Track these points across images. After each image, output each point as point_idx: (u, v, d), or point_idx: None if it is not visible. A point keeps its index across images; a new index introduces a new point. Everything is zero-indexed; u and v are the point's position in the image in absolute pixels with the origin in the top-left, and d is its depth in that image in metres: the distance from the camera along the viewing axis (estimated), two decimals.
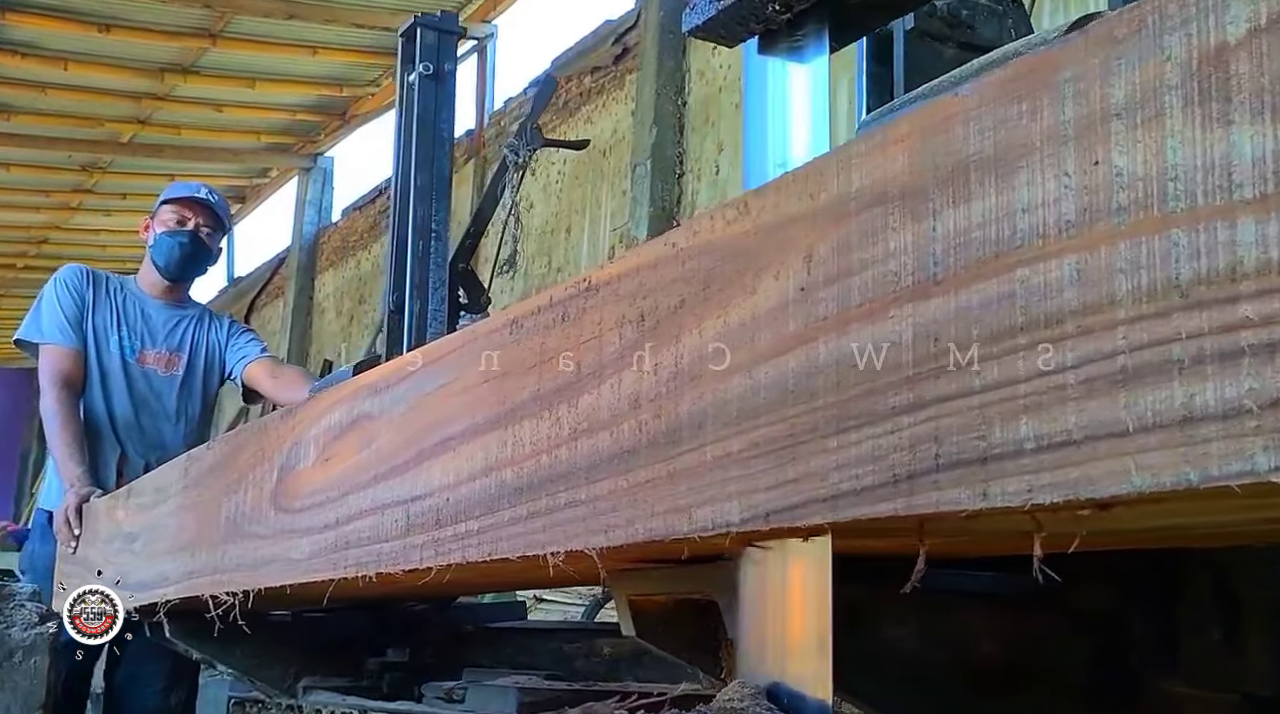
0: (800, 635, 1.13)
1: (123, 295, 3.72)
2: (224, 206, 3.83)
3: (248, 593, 2.05)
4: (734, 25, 1.74)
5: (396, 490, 1.66)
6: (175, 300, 3.81)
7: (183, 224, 3.69)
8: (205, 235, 3.72)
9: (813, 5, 1.69)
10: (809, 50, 1.75)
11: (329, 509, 1.82)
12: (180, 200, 3.73)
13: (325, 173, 14.57)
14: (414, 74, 2.84)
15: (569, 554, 1.31)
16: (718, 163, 9.80)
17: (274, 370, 3.74)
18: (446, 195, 2.86)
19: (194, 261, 3.76)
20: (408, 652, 2.72)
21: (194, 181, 3.92)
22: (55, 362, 3.58)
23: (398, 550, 1.64)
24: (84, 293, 3.67)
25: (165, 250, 3.70)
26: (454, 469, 1.53)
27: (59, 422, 3.43)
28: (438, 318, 2.83)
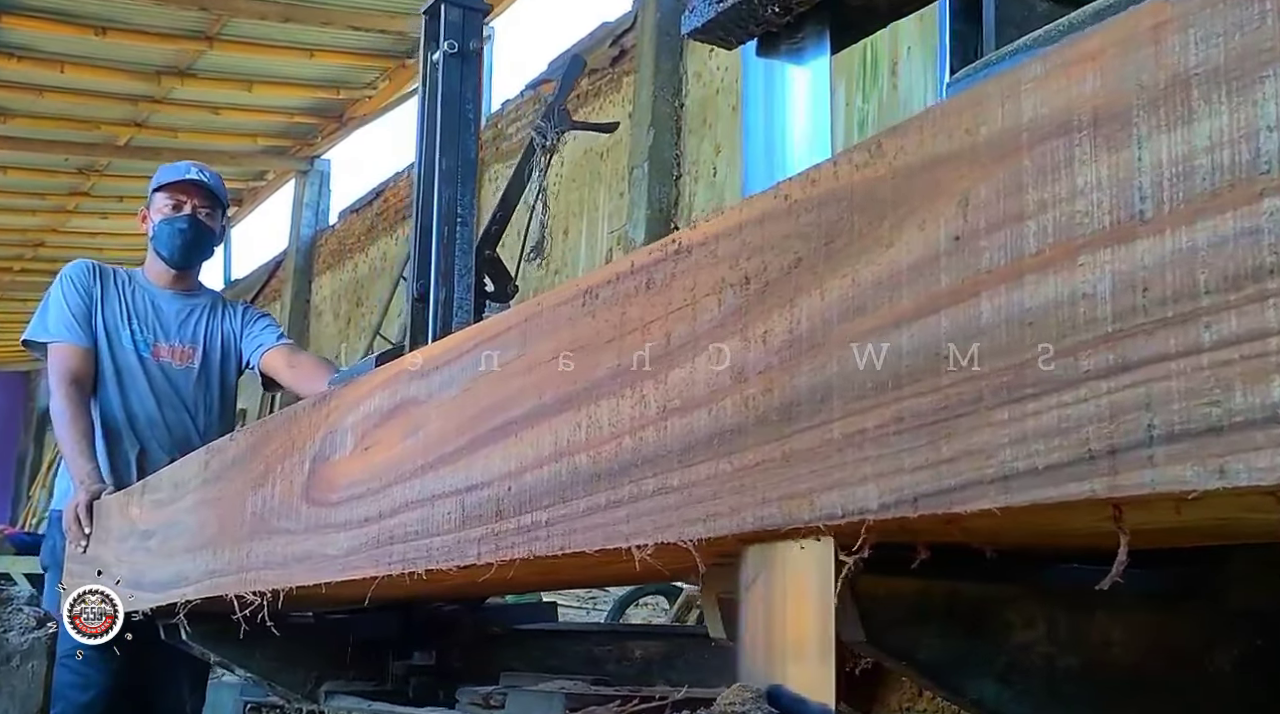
0: (802, 638, 1.09)
1: (131, 288, 3.55)
2: (218, 182, 3.62)
3: (277, 592, 1.90)
4: (733, 27, 1.71)
5: (448, 480, 1.50)
6: (185, 289, 3.64)
7: (179, 209, 3.52)
8: (204, 216, 3.54)
9: (812, 8, 1.64)
10: (808, 52, 1.70)
11: (370, 502, 1.67)
12: (172, 185, 3.54)
13: (322, 175, 14.40)
14: (438, 52, 2.69)
15: (659, 547, 1.16)
16: (715, 165, 9.68)
17: (292, 358, 3.57)
18: (473, 178, 2.70)
19: (197, 246, 3.58)
20: (434, 655, 2.56)
21: (183, 162, 3.70)
22: (63, 360, 3.42)
23: (451, 545, 1.48)
24: (91, 289, 3.51)
25: (166, 239, 3.54)
26: (517, 456, 1.38)
27: (67, 419, 3.27)
28: (464, 306, 2.67)
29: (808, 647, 1.07)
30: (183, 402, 3.49)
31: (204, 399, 3.52)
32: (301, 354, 3.68)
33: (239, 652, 2.51)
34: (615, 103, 10.44)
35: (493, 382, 1.45)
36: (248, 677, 2.58)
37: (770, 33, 1.72)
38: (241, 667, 2.53)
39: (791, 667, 1.08)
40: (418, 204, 2.70)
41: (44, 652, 2.47)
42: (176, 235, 3.52)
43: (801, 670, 1.07)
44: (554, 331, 1.35)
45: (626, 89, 10.35)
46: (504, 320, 1.46)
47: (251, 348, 3.58)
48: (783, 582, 1.08)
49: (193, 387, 3.52)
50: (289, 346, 3.64)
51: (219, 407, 3.57)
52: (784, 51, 1.73)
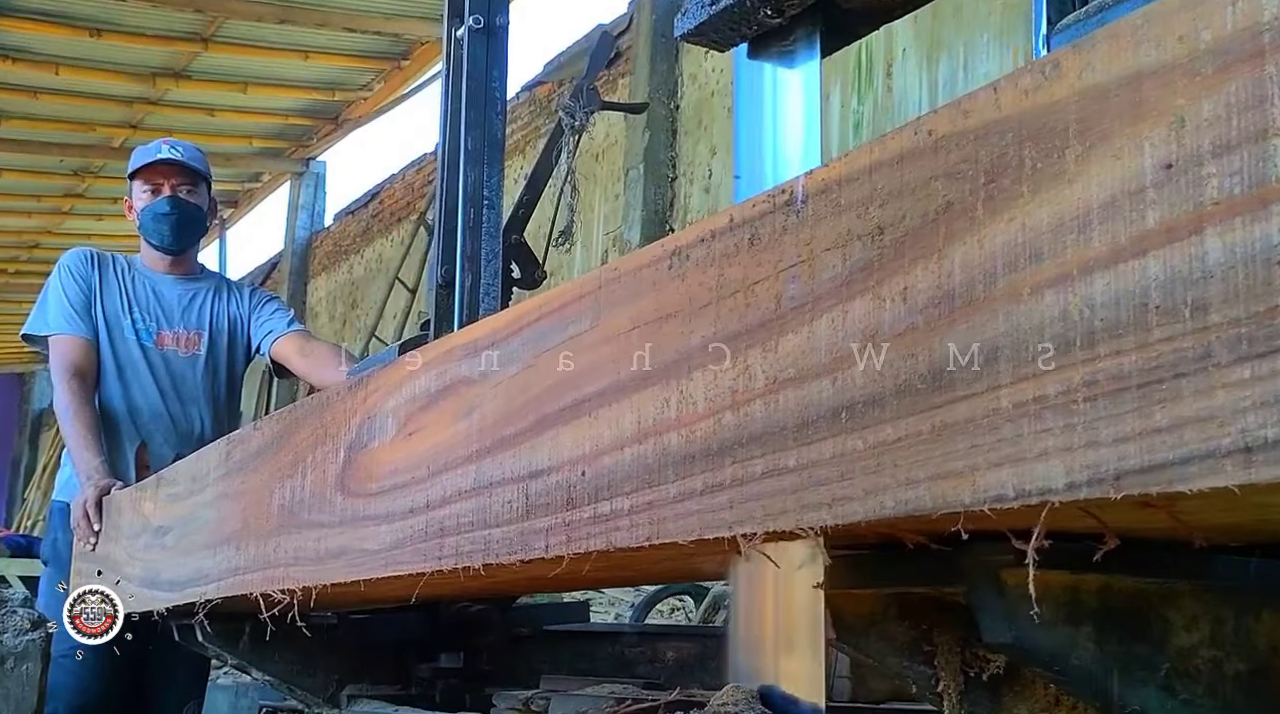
0: (793, 638, 1.08)
1: (131, 275, 3.37)
2: (195, 155, 3.41)
3: (309, 590, 1.74)
4: (726, 30, 1.68)
5: (509, 466, 1.35)
6: (185, 273, 3.45)
7: (157, 192, 3.34)
8: (186, 193, 3.35)
9: (804, 10, 1.62)
10: (800, 55, 1.67)
11: (416, 491, 1.52)
12: (146, 168, 3.35)
13: (318, 177, 14.23)
14: (462, 28, 2.53)
15: (770, 535, 1.01)
16: (710, 167, 9.55)
17: (305, 346, 3.38)
18: (499, 160, 2.55)
19: (185, 226, 3.38)
20: (462, 657, 2.41)
21: (154, 141, 3.47)
22: (64, 352, 3.25)
23: (513, 537, 1.33)
24: (90, 278, 3.33)
25: (151, 226, 3.36)
26: (591, 437, 1.23)
27: (71, 412, 3.10)
28: (491, 293, 2.51)
29: (798, 647, 1.06)
30: (188, 392, 3.32)
31: (210, 388, 3.35)
32: (315, 341, 3.49)
33: (257, 653, 2.35)
34: None
35: (561, 356, 1.29)
36: (265, 679, 2.42)
37: (762, 35, 1.69)
38: (260, 669, 2.37)
39: (782, 666, 1.07)
40: (442, 186, 2.55)
41: (38, 654, 2.41)
42: (160, 220, 3.34)
43: (792, 670, 1.06)
44: (633, 299, 1.20)
45: (622, 91, 10.21)
46: (572, 289, 1.31)
47: (261, 334, 3.40)
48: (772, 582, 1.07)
49: (199, 376, 3.35)
50: (301, 333, 3.46)
51: (226, 396, 3.39)
52: (776, 54, 1.69)
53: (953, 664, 1.09)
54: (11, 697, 2.41)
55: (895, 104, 8.63)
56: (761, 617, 1.13)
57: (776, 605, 1.10)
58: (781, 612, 1.09)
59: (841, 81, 8.94)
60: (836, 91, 8.97)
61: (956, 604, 1.08)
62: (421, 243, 11.84)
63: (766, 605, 1.11)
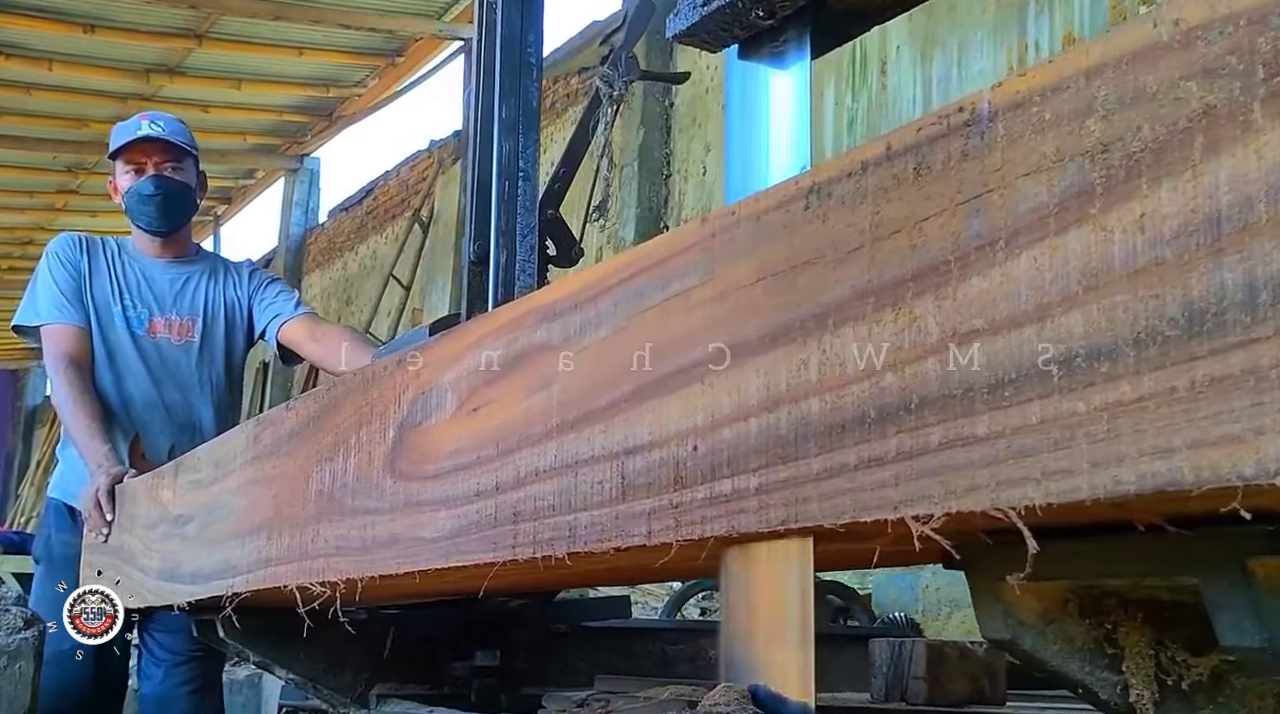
0: (782, 637, 1.03)
1: (122, 260, 3.14)
2: (177, 130, 3.13)
3: (353, 583, 1.56)
4: (718, 30, 1.65)
5: (599, 442, 1.17)
6: (178, 256, 3.21)
7: (141, 172, 3.09)
8: (170, 171, 3.10)
9: (795, 11, 1.59)
10: (791, 56, 1.64)
11: (482, 473, 1.33)
12: (126, 148, 3.10)
13: (312, 174, 14.01)
14: None
15: (952, 517, 0.83)
16: (705, 164, 9.39)
17: (316, 330, 3.16)
18: (535, 128, 2.36)
19: (172, 206, 3.13)
20: (498, 655, 2.22)
21: (134, 117, 3.19)
22: (58, 342, 3.03)
23: (606, 522, 1.15)
24: (79, 263, 3.11)
25: (136, 208, 3.12)
26: (705, 406, 1.05)
27: (72, 402, 2.89)
28: (527, 269, 2.32)
29: (788, 645, 1.02)
30: (184, 381, 3.10)
31: (208, 377, 3.13)
32: (326, 325, 3.27)
33: (282, 651, 2.17)
34: None
35: (664, 316, 1.11)
36: (289, 678, 2.23)
37: (754, 36, 1.66)
38: (284, 667, 2.19)
39: (772, 666, 1.03)
40: (474, 158, 2.36)
41: (31, 652, 2.30)
42: (146, 202, 3.11)
43: (782, 669, 1.02)
44: (758, 247, 1.02)
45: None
46: (675, 241, 1.13)
47: (266, 318, 3.18)
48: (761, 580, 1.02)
49: (194, 364, 3.13)
50: (310, 317, 3.23)
51: (225, 384, 3.17)
52: (767, 55, 1.66)
53: (1144, 669, 0.91)
54: (4, 695, 2.31)
55: (889, 101, 8.51)
56: (752, 614, 1.06)
57: (767, 602, 1.03)
58: (773, 608, 1.03)
59: (836, 78, 8.81)
60: (831, 88, 8.84)
61: (1150, 600, 0.91)
62: (416, 240, 11.65)
63: (758, 602, 1.04)
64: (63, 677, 2.72)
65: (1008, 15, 7.73)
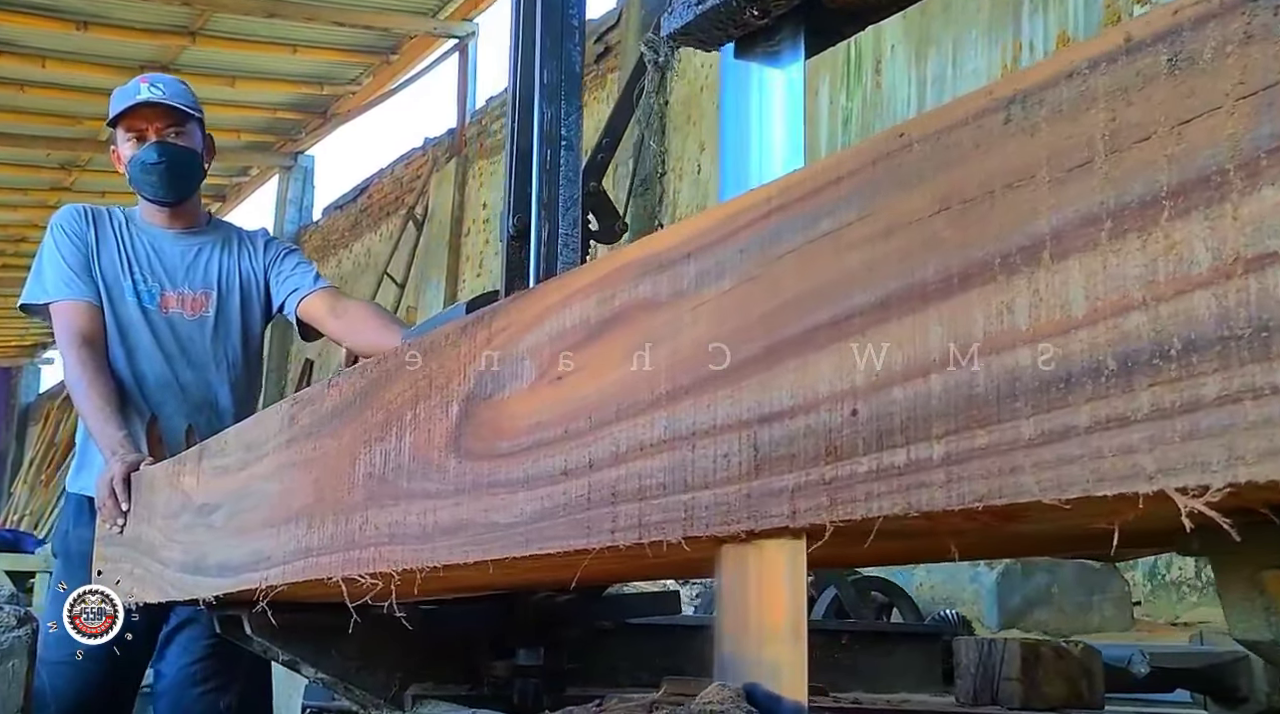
0: (777, 636, 1.00)
1: (130, 232, 2.93)
2: (178, 92, 2.91)
3: (410, 573, 1.37)
4: (712, 30, 1.62)
5: (722, 409, 0.99)
6: (188, 227, 3.00)
7: (142, 139, 2.88)
8: (174, 137, 2.89)
9: (789, 11, 1.56)
10: (785, 55, 1.60)
11: (571, 448, 1.15)
12: (126, 114, 2.88)
13: (306, 171, 13.80)
14: None
15: (1237, 489, 0.65)
16: (699, 162, 9.23)
17: (337, 306, 2.94)
18: (577, 94, 2.18)
19: (178, 173, 2.91)
20: (542, 653, 2.04)
21: (133, 80, 2.96)
22: (68, 320, 2.82)
23: (734, 500, 0.97)
24: (86, 236, 2.90)
25: (140, 178, 2.91)
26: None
27: (84, 384, 2.68)
28: (570, 244, 2.14)
29: (782, 644, 0.99)
30: (199, 358, 2.89)
31: (224, 353, 2.91)
32: (348, 301, 3.05)
33: (312, 648, 1.98)
34: (599, 99, 9.95)
35: (808, 262, 0.93)
36: (319, 677, 2.04)
37: (748, 35, 1.62)
38: (314, 665, 2.00)
39: (766, 664, 1.00)
40: (513, 126, 2.17)
41: (25, 651, 2.19)
42: (149, 170, 2.89)
43: (776, 668, 0.99)
44: (937, 172, 0.84)
45: (611, 85, 9.88)
46: (821, 172, 0.95)
47: (285, 292, 2.97)
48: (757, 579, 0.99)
49: (209, 340, 2.92)
50: (330, 291, 3.01)
51: (242, 360, 2.96)
52: (761, 54, 1.62)
53: None
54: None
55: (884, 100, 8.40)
56: (746, 612, 1.02)
57: (761, 601, 1.00)
58: (766, 607, 1.00)
59: (830, 77, 8.68)
60: (825, 87, 8.71)
61: None
62: (410, 238, 11.46)
63: (751, 601, 1.01)
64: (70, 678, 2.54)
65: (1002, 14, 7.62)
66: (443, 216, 11.35)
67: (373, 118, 12.70)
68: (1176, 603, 6.09)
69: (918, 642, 2.40)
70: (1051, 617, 5.26)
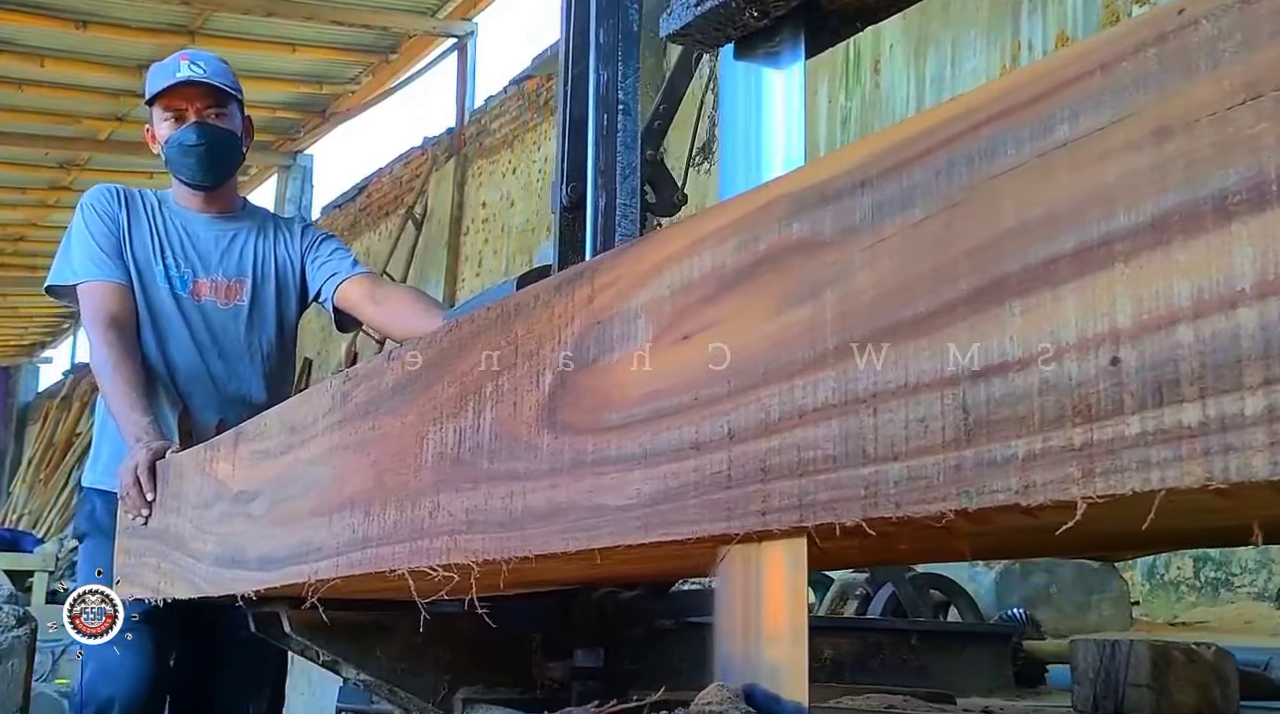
0: (777, 637, 0.96)
1: (162, 216, 2.73)
2: (219, 70, 2.71)
3: (494, 564, 1.18)
4: (711, 30, 1.59)
5: (916, 363, 0.80)
6: (223, 211, 2.80)
7: (181, 119, 2.68)
8: (214, 118, 2.68)
9: (789, 12, 1.53)
10: (785, 56, 1.57)
11: (704, 417, 0.96)
12: (165, 93, 2.68)
13: (305, 170, 13.57)
14: None
15: None
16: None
17: (376, 292, 2.73)
18: (635, 55, 1.99)
19: (218, 156, 2.71)
20: (602, 654, 1.84)
21: (172, 58, 2.77)
22: (96, 301, 2.61)
23: (940, 473, 0.78)
24: (117, 216, 2.70)
25: (178, 161, 2.71)
26: (1130, 298, 0.68)
27: (110, 367, 2.46)
28: (629, 215, 1.95)
29: (782, 645, 0.96)
30: (232, 349, 2.69)
31: (259, 344, 2.71)
32: (388, 286, 2.85)
33: (354, 648, 1.79)
34: None
35: (1037, 178, 0.74)
36: (361, 680, 1.84)
37: (748, 36, 1.58)
38: (357, 666, 1.80)
39: (766, 665, 0.97)
40: (565, 91, 1.99)
41: (24, 650, 2.17)
42: (188, 152, 2.69)
43: (776, 669, 0.96)
44: (1241, 52, 0.65)
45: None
46: (1060, 67, 0.75)
47: (321, 278, 2.76)
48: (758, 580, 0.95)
49: (243, 331, 2.72)
50: (370, 277, 2.81)
51: (277, 352, 2.76)
52: (761, 55, 1.58)
53: None
54: None
55: (883, 99, 8.26)
56: (746, 613, 0.99)
57: (761, 601, 0.96)
58: (766, 608, 0.96)
59: (829, 77, 8.53)
60: (824, 87, 8.56)
61: None
62: (409, 237, 11.25)
63: (751, 601, 0.97)
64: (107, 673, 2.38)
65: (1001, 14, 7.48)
66: (442, 216, 11.14)
67: (372, 117, 12.49)
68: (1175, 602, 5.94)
69: (987, 642, 2.22)
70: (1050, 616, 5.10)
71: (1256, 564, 5.42)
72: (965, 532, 0.80)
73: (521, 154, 10.42)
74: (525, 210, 10.28)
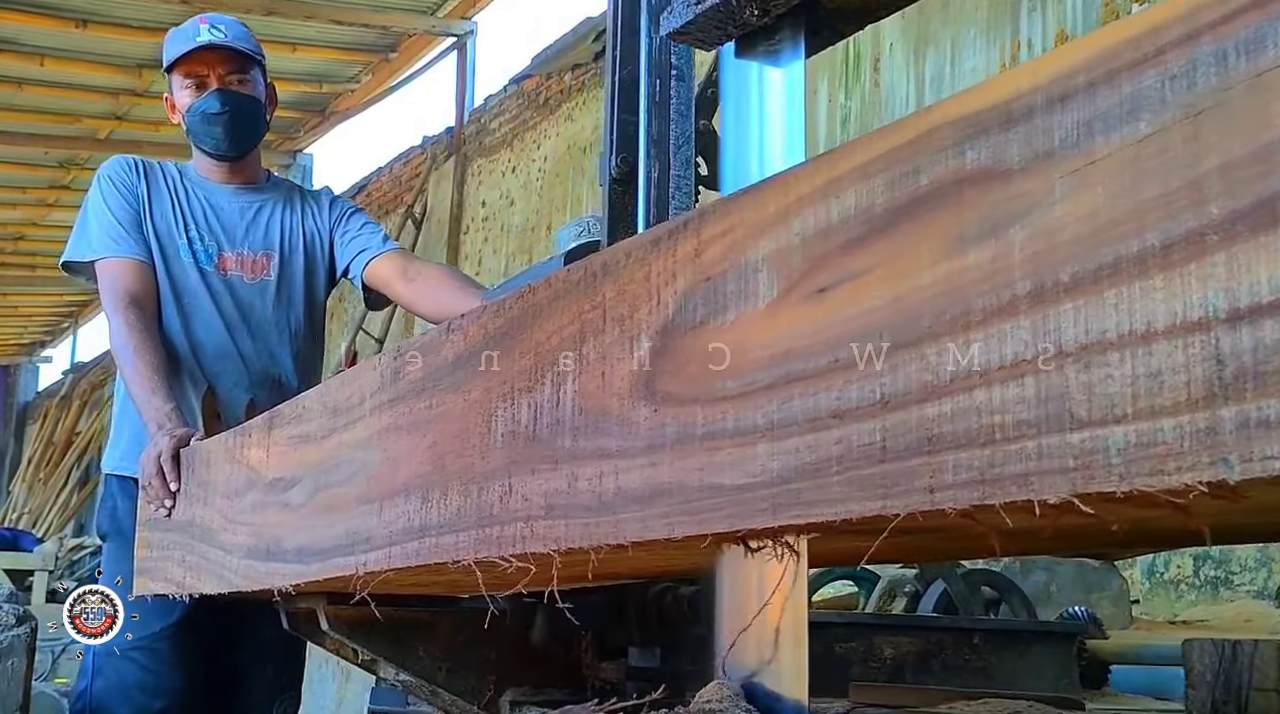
0: (778, 635, 0.95)
1: (185, 187, 2.56)
2: (240, 34, 2.55)
3: (581, 553, 1.02)
4: (711, 29, 1.58)
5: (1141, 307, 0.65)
6: (247, 182, 2.64)
7: (203, 86, 2.51)
8: (237, 84, 2.52)
9: (789, 10, 1.52)
10: (785, 54, 1.57)
11: (847, 381, 0.81)
12: (184, 59, 2.51)
13: (305, 170, 13.38)
14: None
15: None
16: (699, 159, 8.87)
17: (408, 268, 2.57)
18: None
19: (241, 125, 2.56)
20: (658, 653, 1.69)
21: (190, 21, 2.59)
22: (115, 279, 2.45)
23: (1183, 437, 0.63)
24: (136, 188, 2.53)
25: (200, 129, 2.54)
26: None
27: (131, 350, 2.30)
28: (683, 187, 1.80)
29: (783, 644, 0.95)
30: (259, 326, 2.53)
31: (287, 320, 2.55)
32: (420, 263, 2.69)
33: (395, 647, 1.64)
34: (598, 97, 9.63)
35: None
36: (402, 679, 1.69)
37: (748, 35, 1.57)
38: (397, 667, 1.65)
39: (767, 664, 0.95)
40: (614, 55, 1.84)
41: (24, 649, 2.16)
42: (212, 121, 2.52)
43: (777, 667, 0.94)
44: None
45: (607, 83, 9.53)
46: None
47: (350, 253, 2.60)
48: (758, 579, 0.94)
49: (270, 307, 2.56)
50: (402, 252, 2.65)
51: (306, 329, 2.59)
52: (761, 53, 1.57)
53: None
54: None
55: (882, 98, 8.12)
56: (746, 611, 0.97)
57: (761, 599, 0.95)
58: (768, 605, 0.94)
59: (829, 76, 8.40)
60: (824, 86, 8.43)
61: None
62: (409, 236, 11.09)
63: (752, 599, 0.95)
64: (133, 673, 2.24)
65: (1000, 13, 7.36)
66: (441, 215, 10.99)
67: (371, 116, 12.31)
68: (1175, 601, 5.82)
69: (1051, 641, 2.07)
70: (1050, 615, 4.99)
71: (1256, 563, 5.30)
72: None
73: (521, 153, 10.28)
74: (525, 209, 10.15)
